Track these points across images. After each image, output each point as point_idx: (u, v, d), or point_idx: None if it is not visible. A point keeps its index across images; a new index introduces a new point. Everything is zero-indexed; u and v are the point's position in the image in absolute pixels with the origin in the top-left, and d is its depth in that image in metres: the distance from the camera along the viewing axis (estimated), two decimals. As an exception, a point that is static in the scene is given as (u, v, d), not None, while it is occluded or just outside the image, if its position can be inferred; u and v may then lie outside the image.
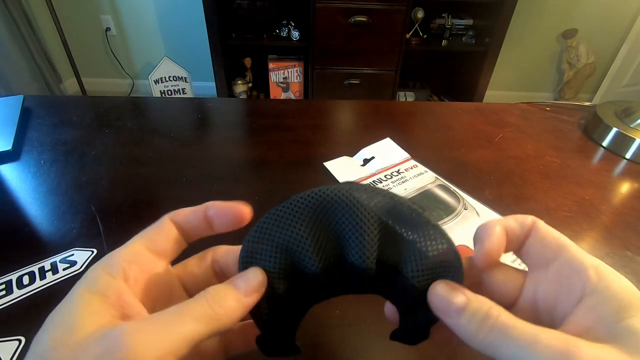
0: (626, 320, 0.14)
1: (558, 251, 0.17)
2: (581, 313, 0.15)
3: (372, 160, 0.49)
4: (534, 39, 2.32)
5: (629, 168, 0.51)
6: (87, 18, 2.22)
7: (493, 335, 0.15)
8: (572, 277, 0.16)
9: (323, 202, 0.18)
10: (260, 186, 0.45)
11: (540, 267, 0.18)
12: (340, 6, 1.74)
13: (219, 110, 0.64)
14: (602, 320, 0.14)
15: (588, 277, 0.15)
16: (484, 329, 0.15)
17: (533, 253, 0.18)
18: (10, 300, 0.30)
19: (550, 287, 0.17)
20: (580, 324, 0.15)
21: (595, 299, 0.15)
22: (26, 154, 0.49)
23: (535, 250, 0.18)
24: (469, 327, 0.15)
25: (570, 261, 0.16)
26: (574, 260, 0.16)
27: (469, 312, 0.16)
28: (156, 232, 0.19)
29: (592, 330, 0.14)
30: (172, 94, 2.09)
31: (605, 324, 0.14)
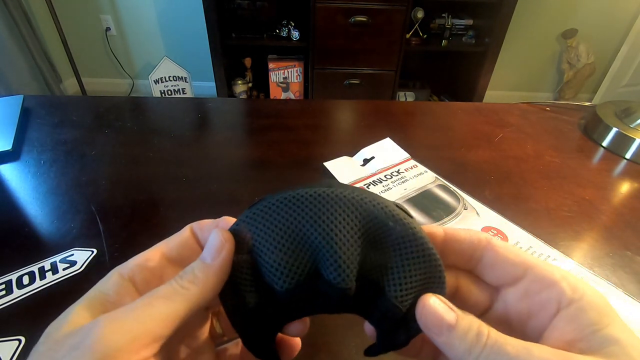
0: (604, 329, 0.14)
1: (524, 269, 0.17)
2: (560, 326, 0.15)
3: (372, 160, 0.49)
4: (534, 39, 2.32)
5: (629, 168, 0.51)
6: (87, 18, 2.22)
7: (487, 352, 0.14)
8: (544, 293, 0.16)
9: (296, 208, 0.16)
10: (260, 186, 0.45)
11: (506, 285, 0.17)
12: (340, 6, 1.74)
13: (219, 110, 0.64)
14: (581, 331, 0.14)
15: (562, 290, 0.15)
16: (478, 346, 0.15)
17: (495, 273, 0.18)
18: (10, 300, 0.30)
19: (521, 304, 0.17)
20: (562, 338, 0.15)
21: (572, 310, 0.15)
22: (26, 154, 0.49)
23: (497, 271, 0.17)
24: (462, 345, 0.15)
25: (539, 277, 0.16)
26: (544, 276, 0.16)
27: (460, 330, 0.15)
28: (174, 239, 0.19)
29: (574, 342, 0.14)
30: (172, 94, 2.09)
31: (586, 335, 0.14)
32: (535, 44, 2.34)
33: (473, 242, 0.18)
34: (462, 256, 0.18)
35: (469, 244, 0.18)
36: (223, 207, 0.42)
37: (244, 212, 0.18)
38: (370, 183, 0.46)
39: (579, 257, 0.36)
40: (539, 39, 2.33)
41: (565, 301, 0.15)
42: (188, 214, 0.40)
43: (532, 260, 0.17)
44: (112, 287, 0.16)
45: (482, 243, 0.18)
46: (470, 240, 0.18)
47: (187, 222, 0.20)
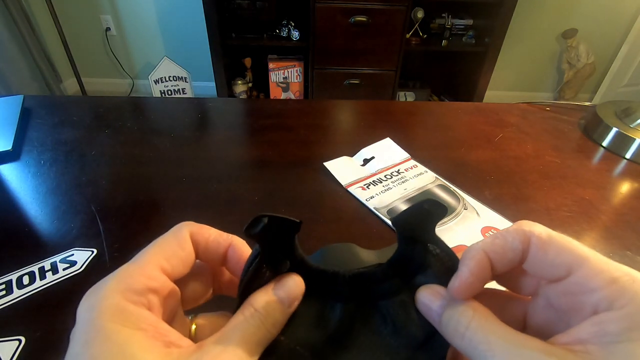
0: (627, 343, 0.13)
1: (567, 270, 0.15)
2: (584, 325, 0.14)
3: (372, 160, 0.49)
4: (534, 39, 2.32)
5: (629, 168, 0.51)
6: (87, 18, 2.22)
7: (468, 339, 0.15)
8: (583, 296, 0.15)
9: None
10: (260, 186, 0.45)
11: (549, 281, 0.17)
12: (340, 6, 1.74)
13: (219, 110, 0.64)
14: (600, 337, 0.13)
15: (602, 298, 0.14)
16: (457, 335, 0.15)
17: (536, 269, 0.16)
18: (10, 300, 0.30)
19: (560, 300, 0.16)
20: (577, 336, 0.14)
21: (605, 316, 0.14)
22: (26, 154, 0.49)
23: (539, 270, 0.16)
24: (447, 331, 0.16)
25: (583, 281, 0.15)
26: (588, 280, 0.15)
27: (445, 317, 0.16)
28: (173, 251, 0.17)
29: (583, 342, 0.14)
30: (172, 94, 2.09)
31: (602, 342, 0.13)
32: (535, 44, 2.34)
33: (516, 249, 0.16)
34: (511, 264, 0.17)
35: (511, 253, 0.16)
36: (223, 207, 0.42)
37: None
38: (370, 183, 0.46)
39: (579, 257, 0.36)
40: (539, 39, 2.33)
41: (603, 306, 0.14)
42: (188, 214, 0.40)
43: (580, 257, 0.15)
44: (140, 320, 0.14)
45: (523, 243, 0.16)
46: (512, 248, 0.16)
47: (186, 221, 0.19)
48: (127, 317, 0.14)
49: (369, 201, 0.43)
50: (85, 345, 0.13)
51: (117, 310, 0.14)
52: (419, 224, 0.18)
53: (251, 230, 0.16)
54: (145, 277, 0.15)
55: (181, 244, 0.17)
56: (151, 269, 0.16)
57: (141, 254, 0.16)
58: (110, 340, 0.13)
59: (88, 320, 0.14)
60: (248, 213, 0.41)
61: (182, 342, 0.15)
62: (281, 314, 0.17)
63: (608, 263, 0.15)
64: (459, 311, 0.16)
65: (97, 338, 0.13)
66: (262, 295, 0.17)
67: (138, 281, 0.15)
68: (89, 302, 0.14)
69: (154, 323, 0.14)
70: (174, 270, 0.17)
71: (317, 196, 0.44)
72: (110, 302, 0.14)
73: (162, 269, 0.16)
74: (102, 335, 0.13)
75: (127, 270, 0.15)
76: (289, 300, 0.17)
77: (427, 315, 0.17)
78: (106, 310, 0.14)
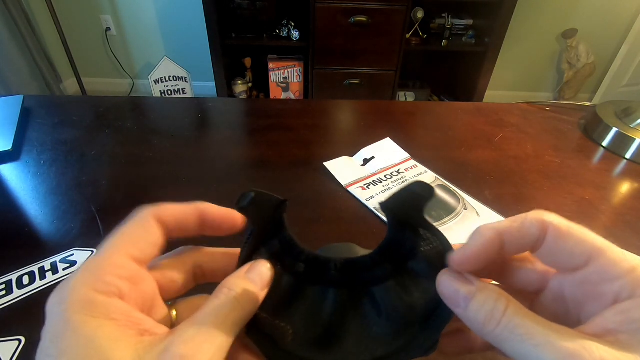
0: None
1: (586, 259, 0.15)
2: (608, 315, 0.14)
3: (372, 160, 0.49)
4: (534, 39, 2.32)
5: (629, 168, 0.51)
6: (87, 18, 2.22)
7: (500, 330, 0.14)
8: (603, 285, 0.15)
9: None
10: (260, 186, 0.45)
11: (565, 271, 0.17)
12: (340, 6, 1.74)
13: (219, 110, 0.64)
14: (629, 324, 0.14)
15: (623, 286, 0.14)
16: (493, 322, 0.14)
17: (554, 261, 0.17)
18: (10, 300, 0.30)
19: (578, 290, 0.16)
20: (603, 326, 0.14)
21: (627, 304, 0.14)
22: (26, 154, 0.49)
23: (557, 259, 0.16)
24: (477, 317, 0.15)
25: (602, 270, 0.15)
26: (607, 269, 0.15)
27: (477, 302, 0.15)
28: (140, 236, 0.17)
29: (613, 332, 0.14)
30: (172, 94, 2.09)
31: (631, 329, 0.13)
32: (535, 44, 2.34)
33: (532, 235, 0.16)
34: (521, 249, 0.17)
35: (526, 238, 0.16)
36: (223, 207, 0.41)
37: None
38: (370, 183, 0.46)
39: (579, 257, 0.36)
40: (539, 39, 2.33)
41: (625, 295, 0.14)
42: (188, 214, 0.40)
43: (598, 248, 0.15)
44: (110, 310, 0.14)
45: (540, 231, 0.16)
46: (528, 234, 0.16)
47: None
48: (96, 307, 0.14)
49: (369, 201, 0.43)
50: (54, 339, 0.13)
51: (85, 302, 0.14)
52: (408, 207, 0.17)
53: (240, 203, 0.18)
54: (114, 266, 0.15)
55: (145, 227, 0.17)
56: (119, 257, 0.15)
57: (106, 244, 0.16)
58: (78, 333, 0.13)
59: (56, 314, 0.13)
60: (248, 213, 0.41)
61: (157, 330, 0.15)
62: (254, 296, 0.17)
63: (625, 253, 0.15)
64: (494, 297, 0.15)
65: (65, 331, 0.13)
66: (236, 278, 0.17)
67: (107, 271, 0.15)
68: (57, 296, 0.14)
69: (126, 312, 0.14)
70: (143, 254, 0.16)
71: (317, 196, 0.44)
72: (78, 294, 0.14)
73: (130, 256, 0.16)
74: (70, 328, 0.13)
75: (95, 262, 0.15)
76: (262, 283, 0.17)
77: (450, 299, 0.16)
78: (74, 303, 0.14)
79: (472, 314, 0.15)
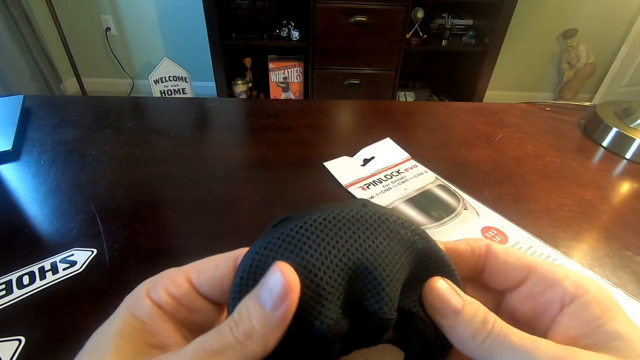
0: (607, 324, 0.14)
1: (525, 273, 0.17)
2: (564, 322, 0.15)
3: (372, 160, 0.49)
4: (534, 39, 2.32)
5: (629, 168, 0.51)
6: (87, 18, 2.22)
7: (491, 341, 0.14)
8: (547, 293, 0.16)
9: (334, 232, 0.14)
10: (260, 186, 0.45)
11: (510, 289, 0.18)
12: (340, 6, 1.74)
13: (219, 110, 0.64)
14: (585, 326, 0.14)
15: (564, 289, 0.15)
16: (482, 333, 0.14)
17: (498, 279, 0.18)
18: (10, 300, 0.30)
19: (526, 306, 0.17)
20: (566, 334, 0.15)
21: (575, 307, 0.15)
22: (26, 154, 0.49)
23: (500, 276, 0.17)
24: (466, 330, 0.15)
25: (541, 279, 0.16)
26: (545, 277, 0.16)
27: (466, 315, 0.15)
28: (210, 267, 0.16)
29: (578, 338, 0.14)
30: (172, 94, 2.09)
31: (590, 330, 0.14)
32: (535, 44, 2.34)
33: (474, 253, 0.18)
34: (465, 268, 0.18)
35: (470, 256, 0.18)
36: (223, 207, 0.42)
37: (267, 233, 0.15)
38: (370, 183, 0.46)
39: (579, 257, 0.36)
40: (539, 39, 2.33)
41: (567, 299, 0.15)
42: (188, 214, 0.40)
43: (534, 262, 0.17)
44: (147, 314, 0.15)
45: (482, 251, 0.18)
46: (471, 251, 0.18)
47: (187, 222, 0.19)
48: (138, 306, 0.15)
49: (369, 201, 0.43)
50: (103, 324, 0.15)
51: (135, 299, 0.15)
52: None
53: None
54: (169, 280, 0.16)
55: (220, 263, 0.16)
56: (178, 275, 0.16)
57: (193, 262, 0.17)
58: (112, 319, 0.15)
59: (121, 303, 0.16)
60: (248, 213, 0.41)
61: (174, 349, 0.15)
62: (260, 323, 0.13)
63: (555, 265, 0.17)
64: (483, 310, 0.15)
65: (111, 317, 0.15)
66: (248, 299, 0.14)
67: (162, 282, 0.16)
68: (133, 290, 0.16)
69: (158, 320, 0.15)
70: (201, 285, 0.16)
71: (317, 196, 0.44)
72: (137, 292, 0.16)
73: (187, 279, 0.16)
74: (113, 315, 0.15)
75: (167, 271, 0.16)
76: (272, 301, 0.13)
77: (438, 309, 0.15)
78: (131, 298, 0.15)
79: (462, 326, 0.15)
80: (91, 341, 0.15)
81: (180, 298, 0.15)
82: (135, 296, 0.15)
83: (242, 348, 0.13)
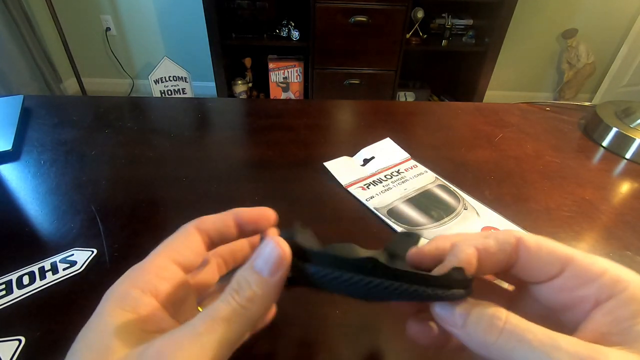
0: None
1: (560, 267, 0.16)
2: (597, 318, 0.14)
3: (372, 160, 0.49)
4: (534, 39, 2.32)
5: (629, 168, 0.51)
6: (87, 18, 2.22)
7: (505, 339, 0.14)
8: (582, 289, 0.15)
9: None
10: (260, 186, 0.45)
11: (542, 282, 0.17)
12: (340, 6, 1.74)
13: (219, 110, 0.64)
14: (618, 324, 0.14)
15: (601, 286, 0.15)
16: (494, 332, 0.14)
17: (530, 273, 0.17)
18: (10, 300, 0.30)
19: (557, 298, 0.16)
20: (596, 329, 0.14)
21: (611, 304, 0.14)
22: (26, 154, 0.49)
23: (532, 270, 0.17)
24: (477, 331, 0.14)
25: (578, 274, 0.15)
26: (582, 272, 0.15)
27: (473, 317, 0.15)
28: (182, 243, 0.18)
29: (608, 335, 0.14)
30: (172, 94, 2.09)
31: (622, 328, 0.14)
32: (535, 44, 2.34)
33: (505, 251, 0.17)
34: (495, 266, 0.17)
35: (500, 255, 0.17)
36: (223, 207, 0.41)
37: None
38: (370, 183, 0.46)
39: (579, 257, 0.36)
40: (539, 39, 2.33)
41: (604, 296, 0.15)
42: (188, 214, 0.40)
43: (569, 254, 0.16)
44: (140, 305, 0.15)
45: (513, 247, 0.17)
46: (501, 249, 0.17)
47: (187, 222, 0.20)
48: (127, 301, 0.15)
49: (369, 201, 0.43)
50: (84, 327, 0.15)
51: (120, 295, 0.15)
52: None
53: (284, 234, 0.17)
54: (156, 267, 0.16)
55: (187, 237, 0.18)
56: (161, 260, 0.17)
57: (152, 252, 0.18)
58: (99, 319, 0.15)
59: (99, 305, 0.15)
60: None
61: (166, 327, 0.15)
62: (259, 286, 0.15)
63: (593, 257, 0.16)
64: (491, 309, 0.15)
65: (93, 317, 0.15)
66: (243, 270, 0.16)
67: (148, 271, 0.16)
68: (106, 292, 0.16)
69: (153, 309, 0.15)
70: (186, 260, 0.17)
71: (317, 196, 0.44)
72: (118, 289, 0.15)
73: (172, 260, 0.17)
74: (97, 314, 0.15)
75: (140, 265, 0.17)
76: (269, 267, 0.15)
77: (446, 320, 0.16)
78: (113, 296, 0.15)
79: (472, 329, 0.15)
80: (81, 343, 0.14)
81: (173, 277, 0.16)
82: (119, 293, 0.15)
83: (246, 311, 0.15)
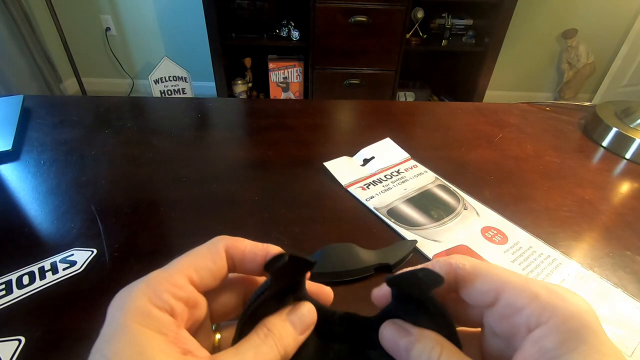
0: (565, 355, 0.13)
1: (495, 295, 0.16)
2: (526, 349, 0.15)
3: (372, 160, 0.49)
4: (534, 39, 2.32)
5: (629, 168, 0.51)
6: (87, 18, 2.22)
7: None
8: (515, 317, 0.15)
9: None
10: (260, 186, 0.45)
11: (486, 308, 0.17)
12: (340, 6, 1.74)
13: (219, 110, 0.64)
14: (543, 355, 0.14)
15: (530, 314, 0.15)
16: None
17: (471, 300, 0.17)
18: (10, 300, 0.30)
19: (500, 325, 0.16)
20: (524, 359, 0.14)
21: (538, 333, 0.14)
22: (26, 154, 0.49)
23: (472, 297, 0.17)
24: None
25: (510, 302, 0.16)
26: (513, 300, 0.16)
27: (416, 351, 0.16)
28: (205, 264, 0.17)
29: None
30: (172, 94, 2.09)
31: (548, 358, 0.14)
32: (535, 44, 2.34)
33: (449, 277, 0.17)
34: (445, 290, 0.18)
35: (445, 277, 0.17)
36: (223, 207, 0.42)
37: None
38: (370, 183, 0.46)
39: (579, 257, 0.36)
40: (539, 39, 2.33)
41: (533, 324, 0.15)
42: (188, 214, 0.40)
43: (503, 282, 0.16)
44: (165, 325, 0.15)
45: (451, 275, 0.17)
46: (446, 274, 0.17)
47: (187, 222, 0.19)
48: (151, 320, 0.14)
49: (369, 201, 0.43)
50: (110, 341, 0.14)
51: (142, 312, 0.14)
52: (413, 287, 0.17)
53: (271, 266, 0.16)
54: (172, 285, 0.16)
55: (213, 257, 0.17)
56: (179, 278, 0.16)
57: (173, 262, 0.17)
58: (132, 339, 0.14)
59: (116, 318, 0.14)
60: (248, 213, 0.41)
61: (199, 352, 0.15)
62: (293, 339, 0.17)
63: (528, 281, 0.16)
64: (430, 346, 0.16)
65: (121, 335, 0.14)
66: (277, 319, 0.17)
67: (165, 288, 0.15)
68: (118, 302, 0.15)
69: (174, 329, 0.15)
70: (202, 282, 0.17)
71: (317, 196, 0.44)
72: (137, 304, 0.15)
73: (190, 280, 0.16)
74: (126, 333, 0.14)
75: (157, 276, 0.16)
76: (302, 326, 0.18)
77: (393, 350, 0.17)
78: (133, 311, 0.14)
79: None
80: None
81: (187, 299, 0.16)
82: (139, 308, 0.14)
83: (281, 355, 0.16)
